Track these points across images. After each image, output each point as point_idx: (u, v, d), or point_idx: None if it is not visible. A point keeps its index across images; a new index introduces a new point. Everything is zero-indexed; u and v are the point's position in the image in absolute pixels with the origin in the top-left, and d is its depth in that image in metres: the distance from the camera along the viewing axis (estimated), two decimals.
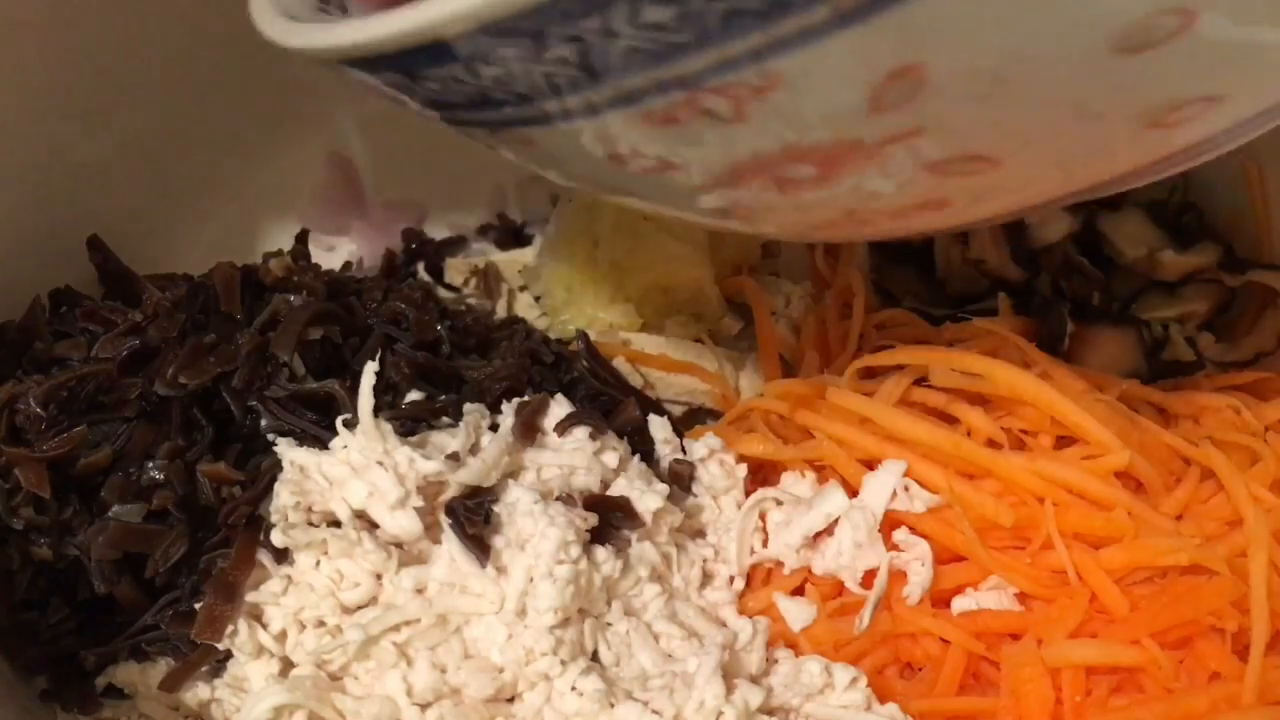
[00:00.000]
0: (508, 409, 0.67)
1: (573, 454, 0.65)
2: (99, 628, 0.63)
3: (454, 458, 0.62)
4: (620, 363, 0.78)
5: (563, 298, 0.82)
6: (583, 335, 0.77)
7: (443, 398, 0.67)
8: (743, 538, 0.67)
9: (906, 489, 0.67)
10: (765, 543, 0.68)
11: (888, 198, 0.48)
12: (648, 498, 0.64)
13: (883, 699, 0.61)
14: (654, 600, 0.63)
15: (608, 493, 0.65)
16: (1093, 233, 0.86)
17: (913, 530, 0.66)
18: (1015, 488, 0.65)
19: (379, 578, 0.61)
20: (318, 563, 0.61)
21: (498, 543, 0.61)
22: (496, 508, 0.61)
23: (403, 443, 0.62)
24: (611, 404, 0.73)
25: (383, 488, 0.59)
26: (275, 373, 0.65)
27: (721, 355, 0.79)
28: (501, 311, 0.86)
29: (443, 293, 0.87)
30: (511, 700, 0.60)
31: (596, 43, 0.39)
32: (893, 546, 0.66)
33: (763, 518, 0.69)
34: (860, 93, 0.40)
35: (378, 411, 0.62)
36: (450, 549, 0.61)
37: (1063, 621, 0.62)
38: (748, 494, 0.69)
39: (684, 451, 0.71)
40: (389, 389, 0.67)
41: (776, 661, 0.63)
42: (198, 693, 0.62)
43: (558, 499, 0.62)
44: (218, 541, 0.62)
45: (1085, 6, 0.37)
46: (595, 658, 0.61)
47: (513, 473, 0.64)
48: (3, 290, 0.69)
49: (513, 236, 0.94)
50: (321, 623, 0.61)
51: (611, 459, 0.66)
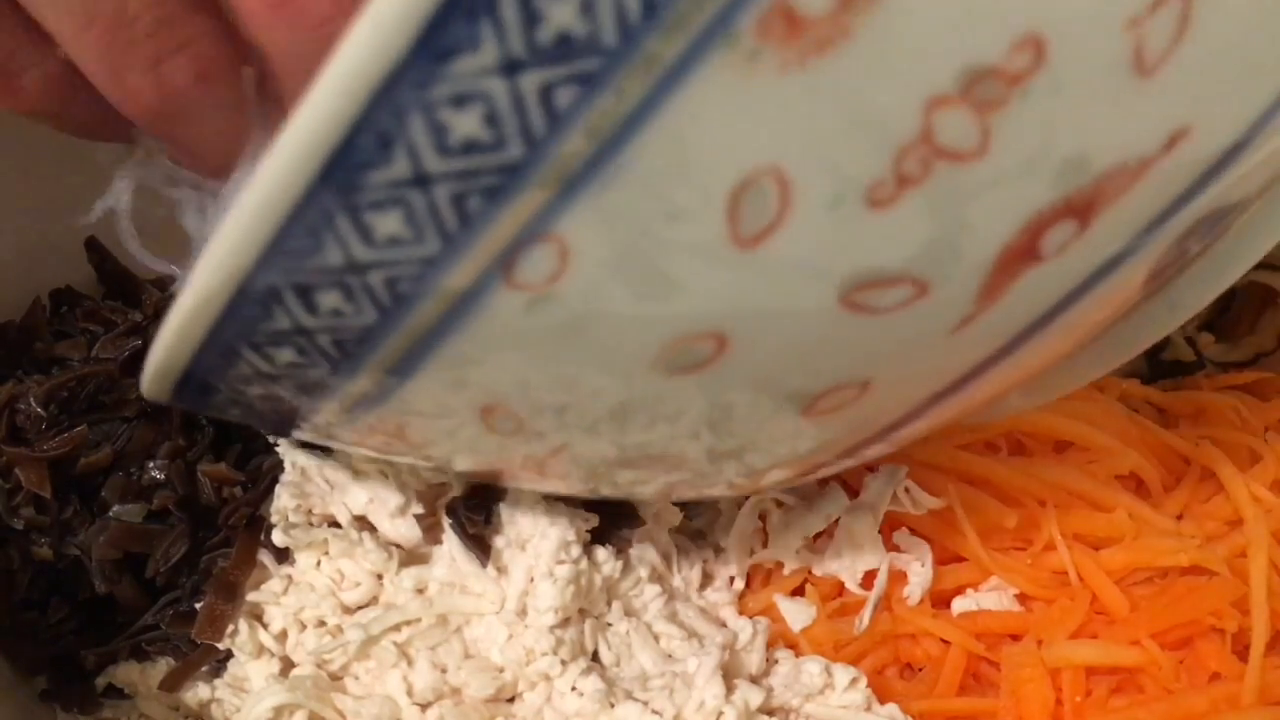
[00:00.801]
0: None
1: None
2: (99, 628, 0.63)
3: None
4: None
5: None
6: None
7: None
8: (743, 538, 0.67)
9: (907, 490, 0.67)
10: (765, 543, 0.68)
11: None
12: None
13: (883, 699, 0.61)
14: (654, 600, 0.63)
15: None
16: None
17: (913, 531, 0.66)
18: (1015, 492, 0.65)
19: (380, 578, 0.61)
20: (318, 563, 0.61)
21: (498, 543, 0.61)
22: (497, 508, 0.61)
23: None
24: None
25: (383, 495, 0.60)
26: None
27: None
28: None
29: None
30: (512, 700, 0.60)
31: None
32: (893, 547, 0.66)
33: (763, 518, 0.69)
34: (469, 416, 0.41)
35: None
36: (451, 549, 0.61)
37: (1063, 622, 0.62)
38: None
39: None
40: None
41: (776, 662, 0.63)
42: (198, 693, 0.61)
43: (558, 499, 0.62)
44: (218, 541, 0.62)
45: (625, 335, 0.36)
46: (595, 658, 0.61)
47: None
48: (3, 290, 0.69)
49: None
50: (322, 622, 0.61)
51: None
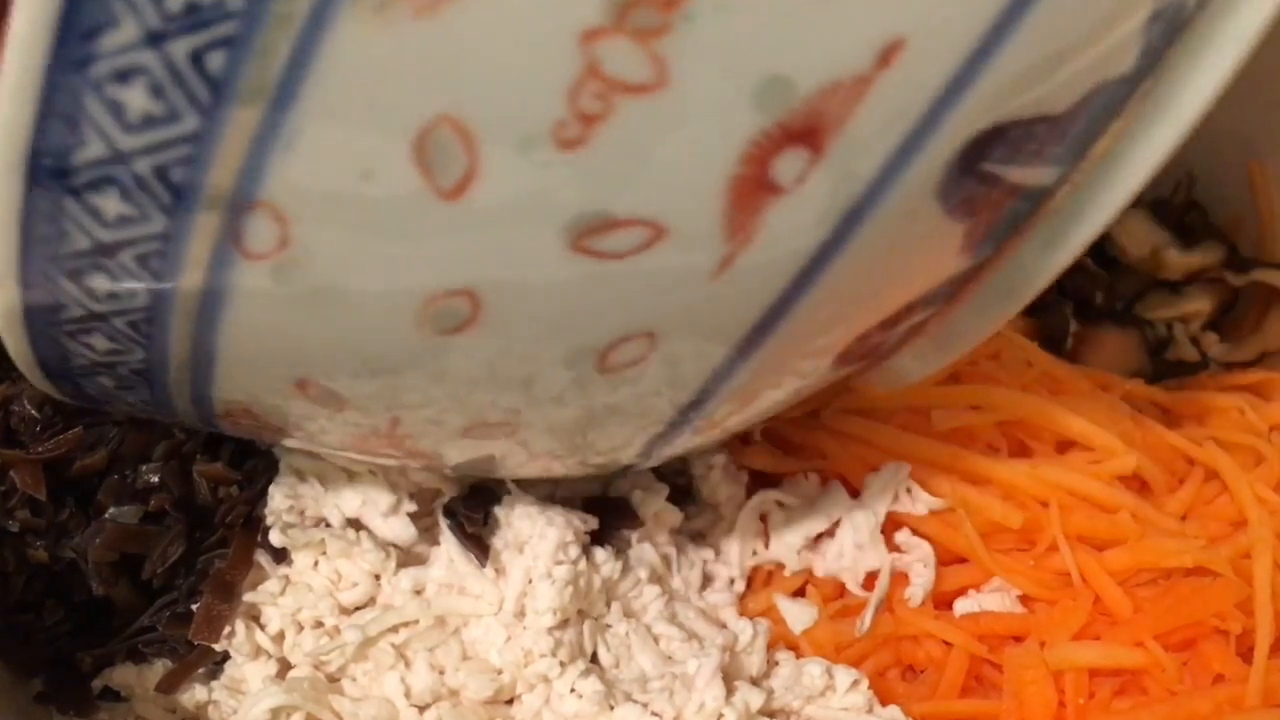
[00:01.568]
0: None
1: None
2: (95, 629, 0.63)
3: None
4: None
5: None
6: None
7: None
8: (743, 539, 0.67)
9: (909, 491, 0.66)
10: (766, 544, 0.68)
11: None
12: (648, 498, 0.64)
13: (884, 701, 0.61)
14: (654, 602, 0.63)
15: (607, 494, 0.65)
16: None
17: (915, 532, 0.66)
18: (1018, 493, 0.65)
19: (377, 578, 0.61)
20: (316, 563, 0.61)
21: (496, 544, 0.60)
22: (495, 509, 0.61)
23: None
24: None
25: (374, 496, 0.59)
26: None
27: None
28: None
29: None
30: (510, 702, 0.59)
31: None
32: (894, 548, 0.66)
33: (764, 519, 0.69)
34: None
35: None
36: (449, 550, 0.60)
37: (1066, 623, 0.62)
38: (748, 496, 0.69)
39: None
40: None
41: (777, 664, 0.63)
42: (195, 694, 0.61)
43: (557, 501, 0.62)
44: (215, 542, 0.62)
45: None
46: (594, 659, 0.61)
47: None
48: None
49: None
50: (319, 623, 0.60)
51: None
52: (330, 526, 0.61)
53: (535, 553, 0.59)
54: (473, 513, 0.60)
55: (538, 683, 0.58)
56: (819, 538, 0.67)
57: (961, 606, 0.64)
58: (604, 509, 0.63)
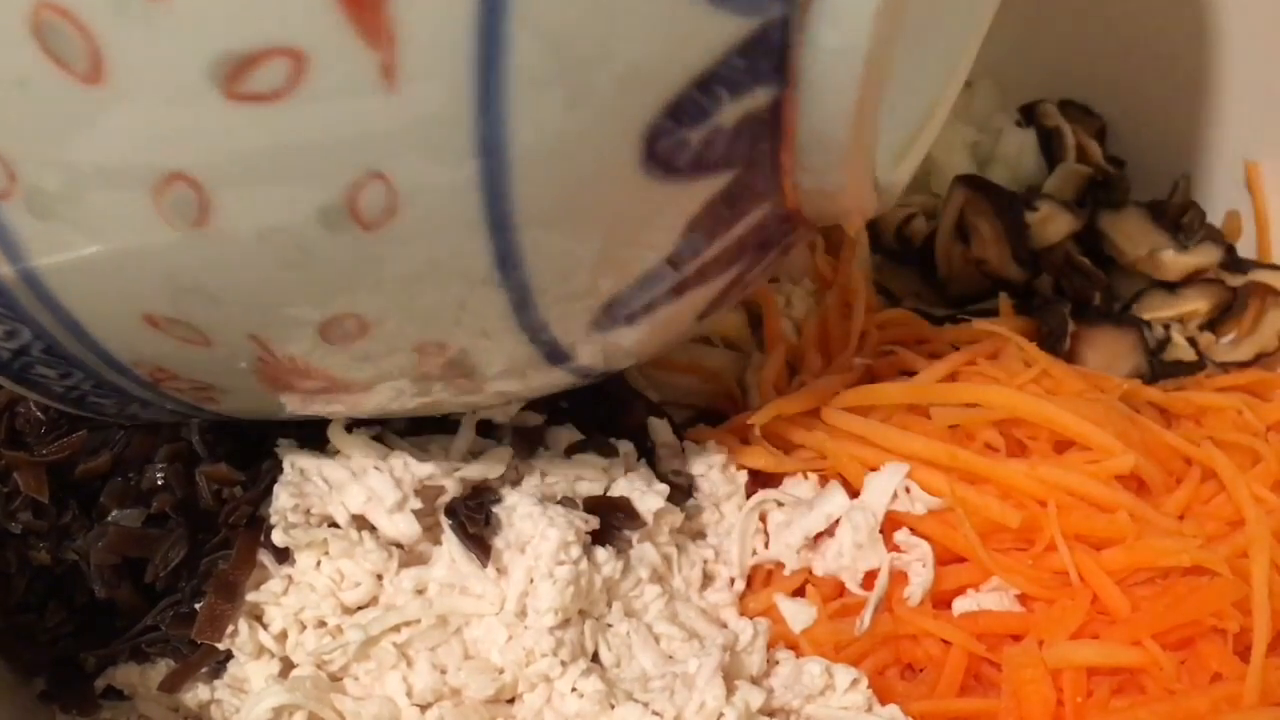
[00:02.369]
0: (503, 421, 0.67)
1: (579, 465, 0.65)
2: (98, 630, 0.63)
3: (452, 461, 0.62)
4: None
5: None
6: None
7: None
8: (743, 539, 0.67)
9: (908, 490, 0.66)
10: (766, 544, 0.68)
11: None
12: (648, 498, 0.64)
13: (884, 700, 0.61)
14: (654, 601, 0.63)
15: (608, 493, 0.65)
16: (1094, 232, 0.85)
17: (914, 531, 0.66)
18: (1016, 493, 0.65)
19: (379, 578, 0.61)
20: (318, 563, 0.61)
21: (498, 544, 0.60)
22: (496, 509, 0.61)
23: (403, 440, 0.62)
24: (615, 406, 0.73)
25: (380, 492, 0.59)
26: None
27: (728, 356, 0.79)
28: None
29: None
30: (512, 701, 0.59)
31: None
32: (894, 547, 0.66)
33: (763, 519, 0.69)
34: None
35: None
36: (450, 550, 0.60)
37: (1064, 623, 0.62)
38: (748, 496, 0.69)
39: (683, 451, 0.71)
40: None
41: (777, 663, 0.63)
42: (198, 694, 0.61)
43: (558, 501, 0.62)
44: (218, 543, 0.62)
45: None
46: (596, 659, 0.61)
47: (516, 480, 0.64)
48: None
49: None
50: (322, 623, 0.61)
51: (619, 470, 0.66)
52: (335, 525, 0.61)
53: (537, 552, 0.59)
54: (474, 512, 0.60)
55: (539, 682, 0.59)
56: (818, 537, 0.67)
57: (960, 606, 0.65)
58: (605, 509, 0.63)
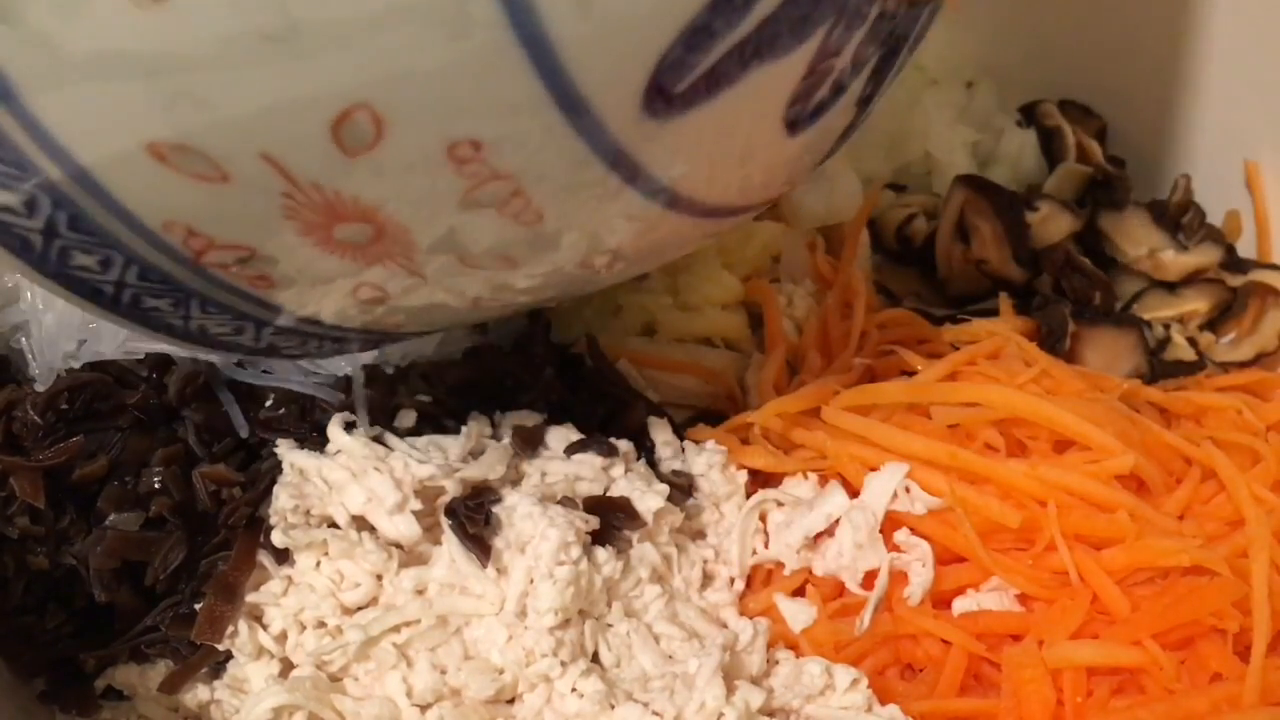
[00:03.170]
0: (503, 421, 0.67)
1: (579, 465, 0.65)
2: (98, 631, 0.63)
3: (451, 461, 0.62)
4: (623, 364, 0.77)
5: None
6: (588, 338, 0.76)
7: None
8: (743, 539, 0.67)
9: (908, 490, 0.66)
10: (766, 544, 0.68)
11: None
12: (648, 498, 0.64)
13: (883, 700, 0.61)
14: (654, 601, 0.63)
15: (608, 493, 0.65)
16: (1094, 232, 0.86)
17: (914, 531, 0.66)
18: (1016, 492, 0.65)
19: (379, 578, 0.61)
20: (318, 563, 0.61)
21: (498, 544, 0.60)
22: (496, 509, 0.61)
23: (402, 440, 0.62)
24: (616, 406, 0.73)
25: (380, 493, 0.59)
26: None
27: (728, 356, 0.79)
28: None
29: None
30: (512, 701, 0.59)
31: None
32: (893, 547, 0.66)
33: (763, 518, 0.69)
34: None
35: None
36: (450, 550, 0.60)
37: (1064, 622, 0.62)
38: (748, 496, 0.69)
39: (683, 451, 0.71)
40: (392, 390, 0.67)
41: (777, 663, 0.63)
42: (197, 694, 0.62)
43: (558, 501, 0.62)
44: (217, 544, 0.62)
45: None
46: (596, 659, 0.61)
47: (516, 480, 0.64)
48: None
49: None
50: (322, 623, 0.61)
51: (618, 470, 0.66)
52: (335, 525, 0.61)
53: (537, 553, 0.59)
54: (474, 513, 0.60)
55: (539, 682, 0.59)
56: (818, 537, 0.67)
57: (960, 605, 0.65)
58: (605, 509, 0.63)
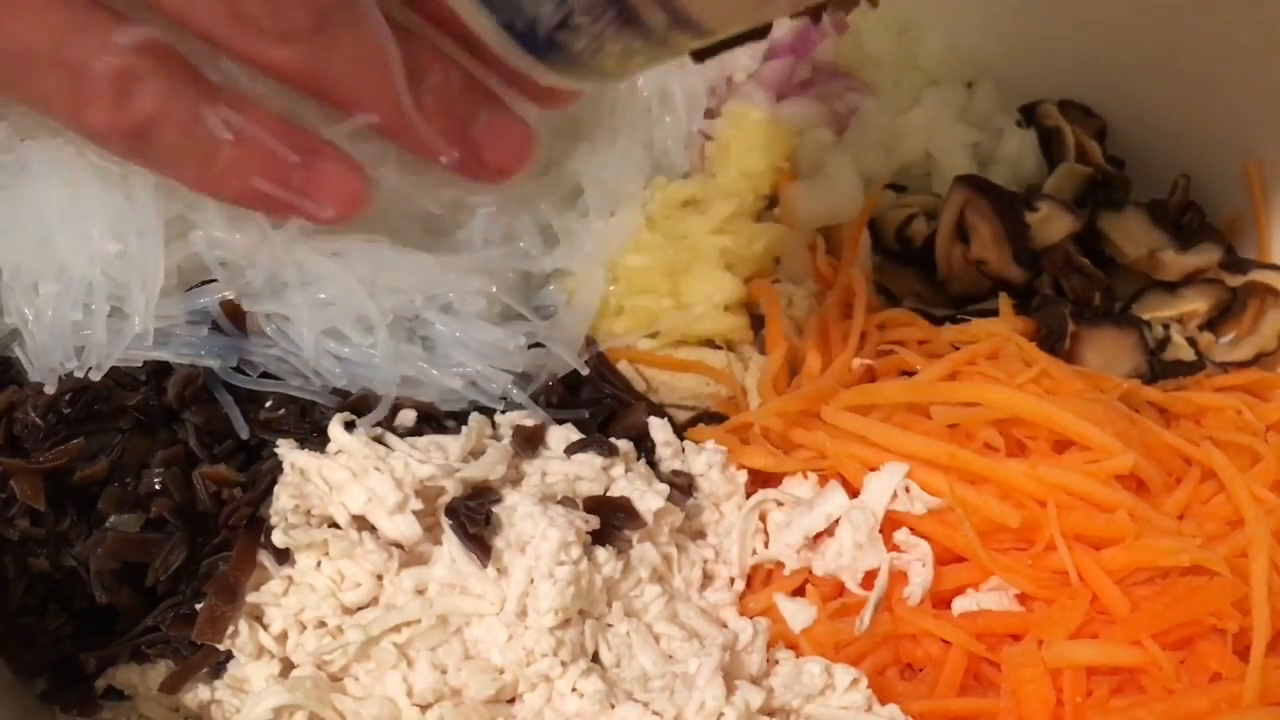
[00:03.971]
0: (503, 421, 0.67)
1: (579, 465, 0.65)
2: (98, 632, 0.63)
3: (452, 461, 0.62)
4: (624, 365, 0.77)
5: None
6: (589, 339, 0.76)
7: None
8: (743, 539, 0.67)
9: (907, 490, 0.66)
10: (766, 544, 0.68)
11: None
12: (648, 498, 0.64)
13: (883, 700, 0.61)
14: (655, 601, 0.63)
15: (608, 493, 0.65)
16: (1094, 232, 0.86)
17: (913, 531, 0.66)
18: (1016, 492, 0.65)
19: (380, 578, 0.61)
20: (319, 563, 0.61)
21: (498, 544, 0.60)
22: (497, 509, 0.61)
23: (403, 440, 0.63)
24: (617, 407, 0.73)
25: (381, 492, 0.60)
26: None
27: (730, 356, 0.79)
28: None
29: None
30: (512, 701, 0.60)
31: None
32: (893, 547, 0.66)
33: (763, 518, 0.69)
34: None
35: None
36: (451, 550, 0.61)
37: (1064, 622, 0.62)
38: (748, 496, 0.69)
39: (683, 451, 0.71)
40: None
41: (777, 662, 0.63)
42: (198, 694, 0.62)
43: (558, 501, 0.62)
44: (218, 545, 0.62)
45: None
46: (596, 659, 0.61)
47: (516, 480, 0.64)
48: None
49: None
50: (322, 623, 0.61)
51: (618, 470, 0.66)
52: (335, 525, 0.61)
53: (537, 552, 0.59)
54: (475, 513, 0.60)
55: (539, 682, 0.59)
56: (818, 537, 0.67)
57: (960, 605, 0.65)
58: (605, 509, 0.63)
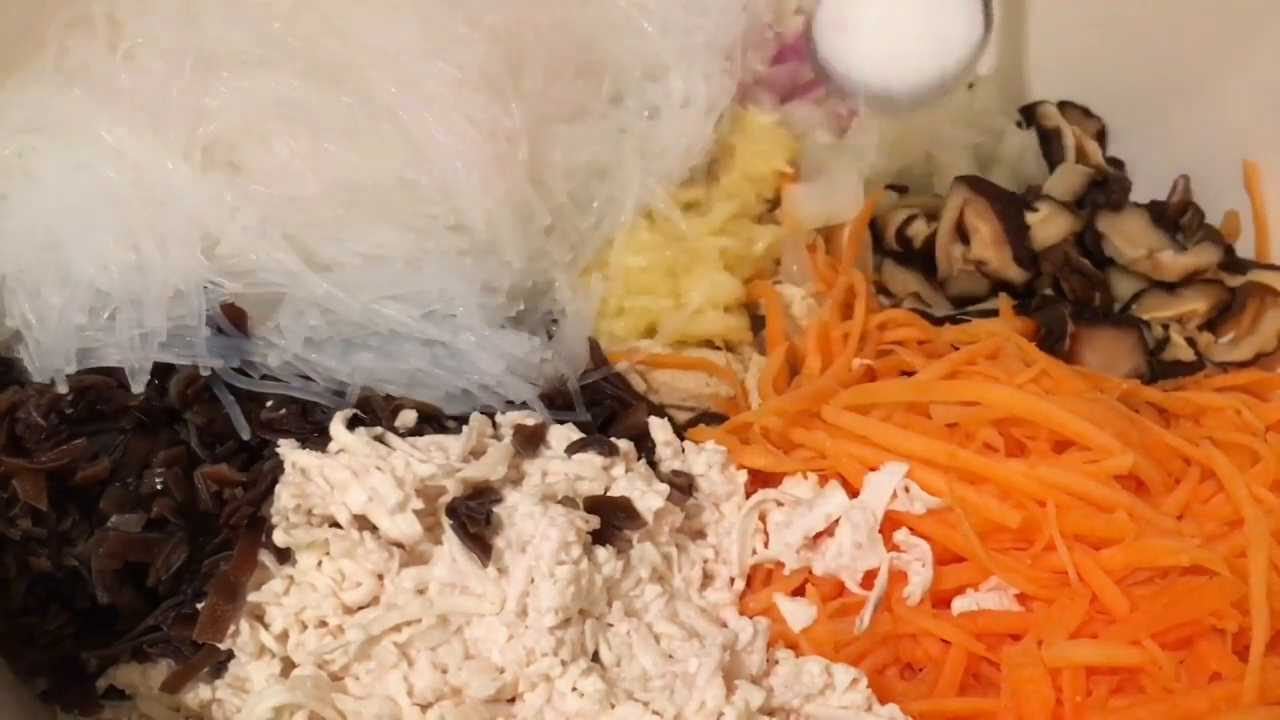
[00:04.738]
0: (504, 421, 0.67)
1: (580, 465, 0.65)
2: (99, 631, 0.63)
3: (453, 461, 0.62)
4: (624, 366, 0.77)
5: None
6: (590, 340, 0.76)
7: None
8: (743, 538, 0.67)
9: (907, 490, 0.67)
10: (766, 543, 0.68)
11: None
12: (649, 498, 0.64)
13: (883, 699, 0.61)
14: (655, 601, 0.63)
15: (608, 493, 0.65)
16: (1094, 233, 0.86)
17: (913, 531, 0.66)
18: (1015, 492, 0.65)
19: (380, 578, 0.61)
20: (320, 563, 0.61)
21: (499, 543, 0.61)
22: (497, 509, 0.61)
23: (403, 440, 0.63)
24: (617, 407, 0.73)
25: (382, 492, 0.60)
26: None
27: (731, 356, 0.79)
28: None
29: None
30: (512, 701, 0.60)
31: None
32: (893, 547, 0.66)
33: (763, 518, 0.69)
34: None
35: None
36: (451, 549, 0.61)
37: (1063, 622, 0.62)
38: (748, 495, 0.69)
39: (683, 451, 0.71)
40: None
41: (777, 662, 0.63)
42: (199, 693, 0.62)
43: (559, 501, 0.62)
44: (219, 544, 0.62)
45: None
46: (596, 658, 0.61)
47: (516, 480, 0.64)
48: None
49: None
50: (323, 623, 0.61)
51: (619, 470, 0.66)
52: (336, 525, 0.61)
53: (537, 552, 0.59)
54: (475, 512, 0.60)
55: (539, 681, 0.59)
56: (818, 537, 0.67)
57: (959, 605, 0.65)
58: (605, 508, 0.63)
